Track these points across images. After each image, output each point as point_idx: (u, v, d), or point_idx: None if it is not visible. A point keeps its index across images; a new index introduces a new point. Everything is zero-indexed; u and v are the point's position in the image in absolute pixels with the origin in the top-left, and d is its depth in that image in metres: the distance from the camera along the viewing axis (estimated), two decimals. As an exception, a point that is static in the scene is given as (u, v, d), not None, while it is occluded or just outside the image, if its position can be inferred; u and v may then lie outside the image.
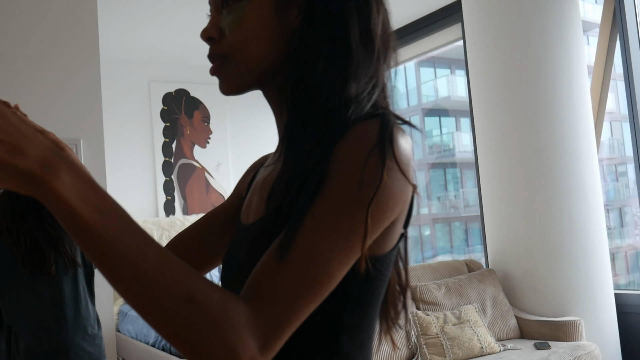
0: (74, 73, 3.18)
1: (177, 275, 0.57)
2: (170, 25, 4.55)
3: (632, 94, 3.62)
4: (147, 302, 0.56)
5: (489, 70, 3.73)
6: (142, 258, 0.56)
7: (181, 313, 0.56)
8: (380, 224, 0.66)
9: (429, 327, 3.19)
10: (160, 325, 0.57)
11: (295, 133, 0.73)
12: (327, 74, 0.71)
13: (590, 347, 3.23)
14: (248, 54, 0.74)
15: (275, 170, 0.78)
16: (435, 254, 7.26)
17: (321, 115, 0.71)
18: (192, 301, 0.56)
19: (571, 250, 3.48)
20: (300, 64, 0.73)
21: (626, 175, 5.38)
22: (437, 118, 8.26)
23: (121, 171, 5.11)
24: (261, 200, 0.77)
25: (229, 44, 0.74)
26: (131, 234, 0.56)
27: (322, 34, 0.72)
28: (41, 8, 3.15)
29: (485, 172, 3.84)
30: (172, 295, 0.56)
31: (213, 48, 0.76)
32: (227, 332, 0.56)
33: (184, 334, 0.56)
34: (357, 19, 0.73)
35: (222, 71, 0.76)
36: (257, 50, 0.74)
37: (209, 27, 0.76)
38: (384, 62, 0.79)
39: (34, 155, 0.53)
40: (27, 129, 0.54)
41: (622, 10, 3.66)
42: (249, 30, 0.73)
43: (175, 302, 0.56)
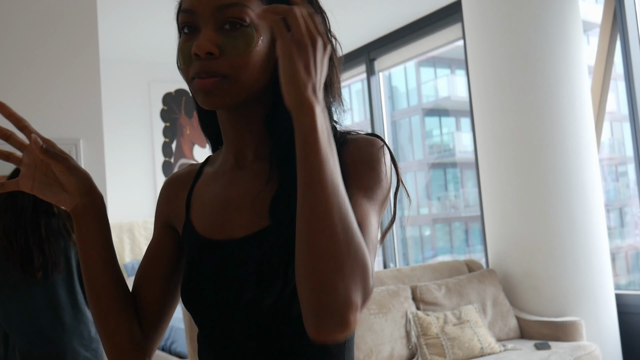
0: (73, 73, 3.17)
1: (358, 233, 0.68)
2: (171, 25, 4.53)
3: (632, 93, 3.62)
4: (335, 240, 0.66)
5: (489, 70, 3.72)
6: (340, 192, 0.68)
7: (351, 255, 0.66)
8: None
9: (429, 328, 3.19)
10: (332, 259, 0.66)
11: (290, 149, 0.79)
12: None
13: (590, 348, 3.22)
14: (250, 78, 0.79)
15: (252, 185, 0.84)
16: (435, 254, 7.26)
17: None
18: (359, 248, 0.67)
19: (572, 250, 3.48)
20: None
21: (626, 175, 5.37)
22: (437, 118, 8.26)
23: (121, 171, 5.11)
24: (254, 214, 0.82)
25: (233, 65, 0.78)
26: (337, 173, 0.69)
27: None
28: (41, 8, 3.15)
29: (485, 172, 3.83)
30: (354, 244, 0.67)
31: (210, 65, 0.78)
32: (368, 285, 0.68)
33: (346, 272, 0.66)
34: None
35: (218, 88, 0.79)
36: (255, 76, 0.80)
37: (207, 43, 0.78)
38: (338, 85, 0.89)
39: (310, 90, 0.68)
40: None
41: (622, 10, 3.66)
42: (255, 58, 0.79)
43: (353, 248, 0.67)
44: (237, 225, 0.83)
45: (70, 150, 3.08)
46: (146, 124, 5.46)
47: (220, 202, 0.87)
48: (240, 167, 0.88)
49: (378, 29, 5.03)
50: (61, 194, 0.86)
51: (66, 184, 0.85)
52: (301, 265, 0.67)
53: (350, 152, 0.82)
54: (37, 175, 0.85)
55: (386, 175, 0.83)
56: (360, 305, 0.66)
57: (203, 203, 0.89)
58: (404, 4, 4.53)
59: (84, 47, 3.22)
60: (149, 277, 0.92)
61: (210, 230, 0.86)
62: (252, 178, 0.85)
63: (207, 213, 0.88)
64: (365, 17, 4.69)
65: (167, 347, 3.75)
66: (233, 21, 0.78)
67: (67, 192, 0.86)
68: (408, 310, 3.27)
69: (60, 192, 0.86)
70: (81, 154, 3.11)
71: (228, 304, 0.81)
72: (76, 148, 3.09)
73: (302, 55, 0.67)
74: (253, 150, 0.87)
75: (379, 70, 5.35)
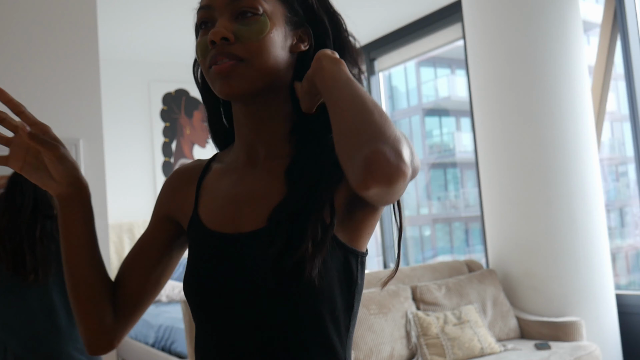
0: (73, 73, 3.17)
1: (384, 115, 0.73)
2: (171, 25, 4.54)
3: (632, 93, 3.62)
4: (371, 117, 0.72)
5: (490, 70, 3.72)
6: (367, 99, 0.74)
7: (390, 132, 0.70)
8: None
9: (429, 328, 3.19)
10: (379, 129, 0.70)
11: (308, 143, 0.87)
12: None
13: (590, 348, 3.22)
14: (264, 63, 0.83)
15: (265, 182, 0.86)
16: (435, 254, 7.25)
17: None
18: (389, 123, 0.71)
19: (572, 250, 3.48)
20: None
21: (627, 175, 5.37)
22: (437, 118, 8.25)
23: (121, 171, 5.11)
24: (265, 209, 0.83)
25: (248, 49, 0.82)
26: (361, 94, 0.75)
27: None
28: (41, 8, 3.15)
29: (485, 172, 3.83)
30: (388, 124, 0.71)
31: (227, 48, 0.82)
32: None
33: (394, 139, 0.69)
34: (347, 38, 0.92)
35: (235, 72, 0.82)
36: (271, 62, 0.83)
37: (223, 30, 0.82)
38: None
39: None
40: None
41: (622, 10, 3.65)
42: (270, 43, 0.83)
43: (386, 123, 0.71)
44: (248, 220, 0.84)
45: (70, 150, 3.08)
46: (146, 124, 5.46)
47: (231, 197, 0.88)
48: (253, 164, 0.89)
49: (378, 29, 5.03)
50: (48, 179, 0.87)
51: (53, 172, 0.86)
52: (345, 125, 0.72)
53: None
54: (28, 158, 0.86)
55: None
56: (408, 162, 0.67)
57: (212, 197, 0.90)
58: (404, 4, 4.53)
59: (84, 47, 3.22)
60: (132, 267, 0.94)
61: (220, 224, 0.87)
62: (264, 176, 0.87)
63: (217, 207, 0.89)
64: (365, 17, 4.69)
65: (167, 347, 3.75)
66: (246, 10, 0.83)
67: (54, 179, 0.87)
68: (408, 311, 3.27)
69: (47, 178, 0.87)
70: (81, 154, 3.11)
71: (237, 295, 0.81)
72: (76, 148, 3.09)
73: None
74: (266, 147, 0.88)
75: (379, 70, 5.35)
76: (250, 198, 0.85)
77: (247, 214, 0.84)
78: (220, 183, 0.91)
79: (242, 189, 0.87)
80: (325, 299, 0.79)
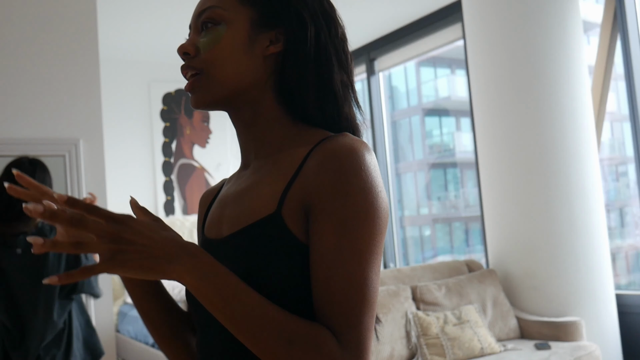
0: (73, 73, 3.17)
1: (278, 323, 0.70)
2: (171, 25, 4.54)
3: (633, 93, 3.62)
4: (260, 347, 0.70)
5: (490, 70, 3.72)
6: (248, 317, 0.70)
7: (285, 354, 0.70)
8: None
9: (429, 328, 3.19)
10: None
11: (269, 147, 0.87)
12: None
13: (590, 348, 3.22)
14: (220, 71, 0.83)
15: (249, 182, 0.86)
16: (435, 254, 7.25)
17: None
18: (292, 343, 0.70)
19: (572, 250, 3.48)
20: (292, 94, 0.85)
21: (627, 175, 5.37)
22: (437, 118, 8.26)
23: (121, 171, 5.11)
24: (239, 211, 0.84)
25: (204, 60, 0.84)
26: (241, 301, 0.70)
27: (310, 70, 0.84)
28: (41, 8, 3.15)
29: (485, 172, 3.83)
30: (277, 340, 0.70)
31: (187, 62, 0.85)
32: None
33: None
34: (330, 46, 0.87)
35: (196, 85, 0.85)
36: (229, 71, 0.83)
37: (186, 44, 0.85)
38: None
39: (159, 254, 0.67)
40: (149, 232, 0.68)
41: (622, 10, 3.66)
42: (224, 51, 0.83)
43: (280, 346, 0.70)
44: (227, 224, 0.85)
45: (70, 150, 3.08)
46: (146, 124, 5.46)
47: (221, 201, 0.90)
48: (246, 166, 0.91)
49: (378, 29, 5.03)
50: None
51: None
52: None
53: (312, 169, 0.77)
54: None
55: (371, 191, 0.75)
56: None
57: (214, 204, 0.94)
58: (404, 4, 4.53)
59: (84, 47, 3.22)
60: None
61: (209, 228, 0.90)
62: (250, 177, 0.87)
63: (211, 212, 0.92)
64: (365, 17, 4.69)
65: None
66: (207, 22, 0.85)
67: None
68: (408, 311, 3.27)
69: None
70: (81, 154, 3.11)
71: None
72: (76, 148, 3.09)
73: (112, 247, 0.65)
74: (255, 149, 0.89)
75: (379, 70, 5.35)
76: (235, 200, 0.87)
77: (227, 217, 0.86)
78: (225, 189, 0.94)
79: (232, 191, 0.89)
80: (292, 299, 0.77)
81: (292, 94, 0.85)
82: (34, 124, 3.03)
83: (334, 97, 0.85)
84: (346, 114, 0.86)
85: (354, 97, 0.88)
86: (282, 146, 0.86)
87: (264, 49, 0.84)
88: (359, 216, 0.73)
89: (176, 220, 5.23)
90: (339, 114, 0.86)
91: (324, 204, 0.74)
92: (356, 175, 0.74)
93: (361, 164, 0.75)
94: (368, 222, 0.74)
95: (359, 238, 0.73)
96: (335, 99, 0.85)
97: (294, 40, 0.84)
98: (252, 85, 0.85)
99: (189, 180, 5.57)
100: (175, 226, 5.18)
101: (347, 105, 0.87)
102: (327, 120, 0.85)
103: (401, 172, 6.91)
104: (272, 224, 0.78)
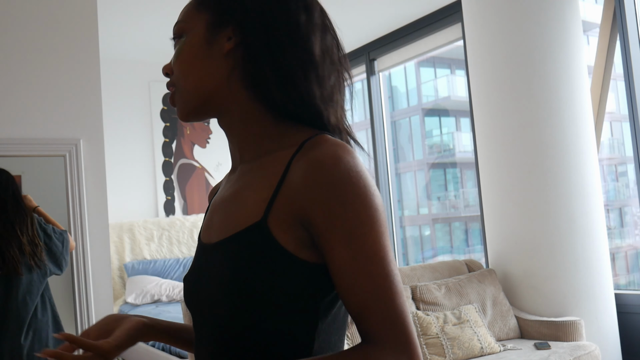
0: (74, 73, 3.17)
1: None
2: (171, 25, 4.54)
3: (632, 93, 3.62)
4: None
5: (489, 70, 3.72)
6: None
7: None
8: None
9: (429, 327, 3.19)
10: None
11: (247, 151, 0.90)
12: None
13: (590, 347, 3.22)
14: (187, 82, 0.86)
15: (236, 187, 0.86)
16: (435, 254, 7.25)
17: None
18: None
19: (571, 250, 3.48)
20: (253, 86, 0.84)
21: (626, 175, 5.37)
22: (437, 118, 8.25)
23: (121, 171, 5.11)
24: (226, 217, 0.84)
25: (176, 75, 0.88)
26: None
27: (262, 55, 0.83)
28: (41, 8, 3.15)
29: (485, 172, 3.84)
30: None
31: (168, 80, 0.90)
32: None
33: None
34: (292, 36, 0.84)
35: (175, 100, 0.89)
36: (193, 78, 0.85)
37: (167, 64, 0.90)
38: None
39: None
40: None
41: (622, 10, 3.66)
42: (185, 62, 0.86)
43: None
44: (215, 230, 0.86)
45: (71, 150, 3.08)
46: (146, 124, 5.46)
47: (213, 206, 0.92)
48: (234, 170, 0.92)
49: (378, 29, 5.03)
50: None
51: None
52: None
53: (300, 182, 0.76)
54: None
55: (365, 194, 0.75)
56: None
57: (209, 207, 0.96)
58: (404, 4, 4.54)
59: (84, 47, 3.22)
60: None
61: (204, 232, 0.92)
62: (236, 181, 0.88)
63: (206, 216, 0.94)
64: (365, 17, 4.69)
65: (167, 347, 3.75)
66: (175, 38, 0.90)
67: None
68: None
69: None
70: (81, 154, 3.11)
71: (202, 304, 0.85)
72: (76, 148, 3.09)
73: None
74: (239, 152, 0.89)
75: (379, 70, 5.35)
76: (222, 207, 0.87)
77: (216, 223, 0.87)
78: (217, 193, 0.95)
79: (220, 197, 0.91)
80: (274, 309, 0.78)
81: (256, 85, 0.84)
82: (34, 124, 3.04)
83: (292, 78, 0.82)
84: (313, 92, 0.83)
85: (317, 74, 0.84)
86: (265, 148, 0.85)
87: (222, 47, 0.85)
88: (362, 222, 0.74)
89: (176, 220, 5.23)
90: (305, 94, 0.83)
91: (325, 219, 0.75)
92: (348, 183, 0.74)
93: (349, 170, 0.75)
94: (372, 223, 0.75)
95: (369, 242, 0.74)
96: (293, 79, 0.82)
97: (244, 31, 0.84)
98: (219, 85, 0.85)
99: (189, 180, 5.58)
100: (175, 226, 5.18)
101: (310, 84, 0.83)
102: (297, 104, 0.83)
103: (401, 171, 6.91)
104: (257, 232, 0.78)
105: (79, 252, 3.04)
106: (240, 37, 0.84)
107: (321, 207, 0.75)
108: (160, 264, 4.92)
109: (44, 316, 2.47)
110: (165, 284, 4.64)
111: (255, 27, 0.83)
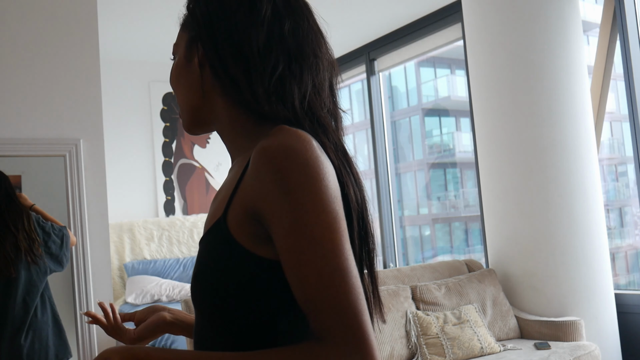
0: (74, 73, 3.17)
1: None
2: (171, 25, 4.54)
3: (632, 93, 3.62)
4: None
5: (489, 70, 3.72)
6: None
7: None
8: None
9: (429, 327, 3.19)
10: None
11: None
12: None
13: (590, 347, 3.23)
14: (179, 99, 0.92)
15: (221, 185, 0.90)
16: (435, 254, 7.26)
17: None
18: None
19: (571, 250, 3.48)
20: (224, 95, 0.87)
21: (626, 175, 5.37)
22: (437, 118, 8.26)
23: (121, 171, 5.11)
24: (209, 215, 0.87)
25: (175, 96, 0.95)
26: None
27: (216, 64, 0.85)
28: (41, 8, 3.15)
29: (485, 172, 3.84)
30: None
31: None
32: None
33: None
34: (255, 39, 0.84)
35: (180, 117, 0.97)
36: (181, 95, 0.92)
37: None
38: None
39: None
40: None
41: (622, 10, 3.66)
42: (173, 81, 0.93)
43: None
44: (207, 225, 0.88)
45: (71, 150, 3.08)
46: (146, 124, 5.46)
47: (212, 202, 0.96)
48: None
49: (378, 29, 5.03)
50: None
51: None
52: None
53: (250, 174, 0.76)
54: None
55: (312, 183, 0.72)
56: None
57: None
58: (404, 4, 4.54)
59: (84, 47, 3.22)
60: None
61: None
62: (226, 179, 0.91)
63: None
64: (365, 17, 4.69)
65: (167, 347, 3.75)
66: (173, 59, 0.95)
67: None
68: (408, 310, 3.28)
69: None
70: (81, 154, 3.11)
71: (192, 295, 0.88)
72: (76, 148, 3.10)
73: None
74: (231, 158, 0.93)
75: (379, 70, 5.35)
76: (214, 202, 0.90)
77: (208, 219, 0.88)
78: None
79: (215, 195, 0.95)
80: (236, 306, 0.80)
81: (227, 93, 0.85)
82: (34, 124, 3.04)
83: (236, 82, 0.82)
84: (256, 90, 0.82)
85: (258, 70, 0.82)
86: (245, 147, 0.86)
87: (195, 61, 0.89)
88: (306, 211, 0.71)
89: (176, 220, 5.23)
90: (266, 84, 0.82)
91: (271, 209, 0.73)
92: (292, 171, 0.72)
93: (295, 158, 0.72)
94: (318, 213, 0.71)
95: (315, 231, 0.71)
96: (237, 82, 0.82)
97: (203, 44, 0.86)
98: (202, 98, 0.89)
99: (189, 180, 5.58)
100: (175, 226, 5.18)
101: (253, 84, 0.82)
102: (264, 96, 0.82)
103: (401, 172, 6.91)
104: (218, 229, 0.80)
105: (79, 252, 3.04)
106: (202, 50, 0.87)
107: (266, 198, 0.74)
108: (160, 264, 4.92)
109: (43, 316, 2.47)
110: (165, 284, 4.64)
111: (206, 37, 0.86)
